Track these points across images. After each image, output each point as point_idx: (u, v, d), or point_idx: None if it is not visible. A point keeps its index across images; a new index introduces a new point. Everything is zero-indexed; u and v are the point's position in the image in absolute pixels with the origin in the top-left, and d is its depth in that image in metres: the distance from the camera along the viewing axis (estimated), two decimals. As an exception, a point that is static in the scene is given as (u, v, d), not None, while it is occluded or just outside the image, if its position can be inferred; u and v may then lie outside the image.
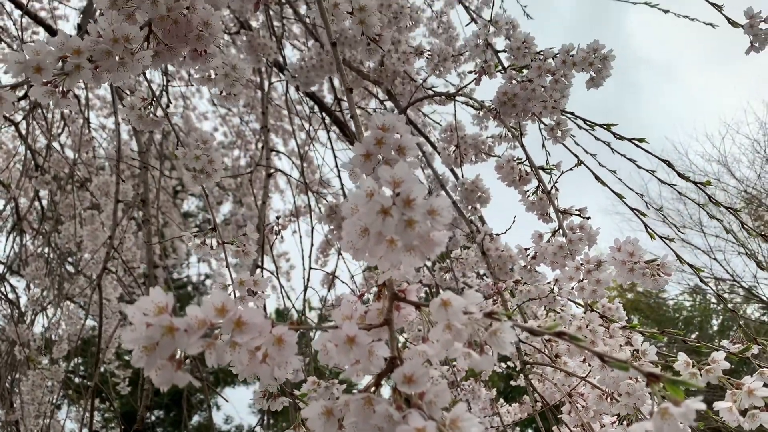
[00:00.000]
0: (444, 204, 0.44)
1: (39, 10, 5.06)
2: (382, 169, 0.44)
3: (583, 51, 1.06)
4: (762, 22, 1.04)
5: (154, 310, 0.37)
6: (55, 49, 0.57)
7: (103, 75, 0.63)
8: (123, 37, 0.62)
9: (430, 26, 2.41)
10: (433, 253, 0.45)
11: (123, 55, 0.63)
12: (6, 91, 0.55)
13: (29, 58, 0.54)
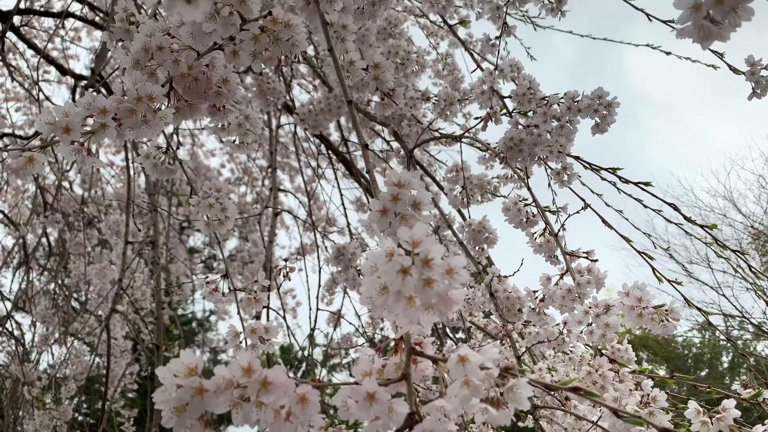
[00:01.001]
0: (461, 263, 0.46)
1: (51, 50, 5.17)
2: (402, 230, 0.45)
3: (588, 98, 1.08)
4: (763, 69, 1.07)
5: (184, 372, 0.38)
6: (83, 110, 0.60)
7: (126, 132, 0.65)
8: (146, 95, 0.64)
9: (436, 68, 2.46)
10: (451, 311, 0.46)
11: (146, 112, 0.65)
12: (37, 152, 0.57)
13: (59, 119, 0.56)
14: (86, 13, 3.92)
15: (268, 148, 2.67)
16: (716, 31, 0.48)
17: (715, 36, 0.48)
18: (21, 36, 4.23)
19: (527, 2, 1.28)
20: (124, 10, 0.90)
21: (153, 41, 0.67)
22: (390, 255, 0.45)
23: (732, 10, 0.46)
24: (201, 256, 8.96)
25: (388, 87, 0.88)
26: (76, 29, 5.13)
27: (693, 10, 0.48)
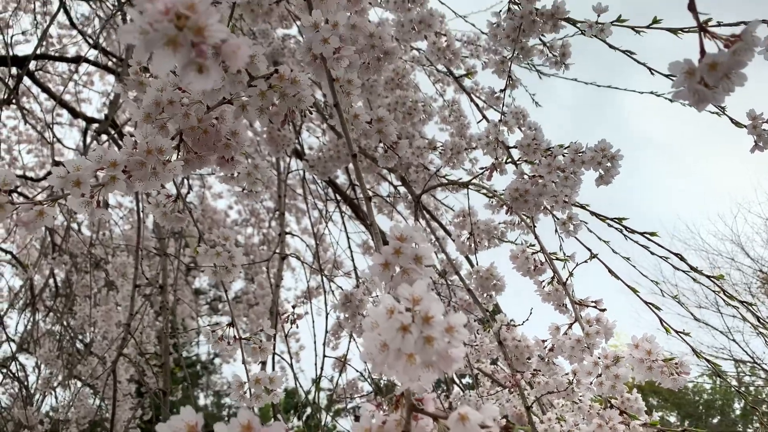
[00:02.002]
0: (461, 321, 0.46)
1: (64, 93, 5.29)
2: (403, 287, 0.46)
3: (592, 150, 1.10)
4: (765, 123, 1.08)
5: (184, 429, 0.38)
6: (94, 163, 0.61)
7: (135, 184, 0.66)
8: (157, 148, 0.66)
9: (442, 114, 2.50)
10: (451, 369, 0.46)
11: (156, 165, 0.66)
12: (47, 206, 0.58)
13: (71, 173, 0.58)
14: (100, 58, 4.02)
15: (277, 192, 2.69)
16: (710, 95, 0.49)
17: (709, 99, 0.49)
18: (35, 80, 4.34)
19: (531, 56, 1.31)
20: (137, 64, 0.93)
21: (164, 95, 0.69)
22: (390, 312, 0.45)
23: (725, 75, 0.48)
24: (206, 298, 8.94)
25: (391, 140, 0.90)
26: (89, 73, 5.25)
27: (687, 75, 0.49)
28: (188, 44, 0.32)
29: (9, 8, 5.03)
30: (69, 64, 5.04)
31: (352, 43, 0.87)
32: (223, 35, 0.33)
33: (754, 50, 0.48)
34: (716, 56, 0.48)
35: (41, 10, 4.74)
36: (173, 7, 0.32)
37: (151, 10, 0.32)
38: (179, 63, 0.32)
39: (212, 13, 0.33)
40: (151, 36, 0.31)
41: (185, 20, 0.32)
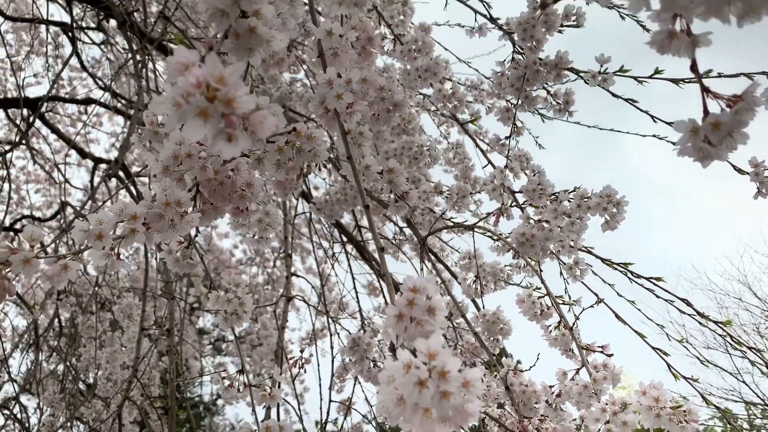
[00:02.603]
0: (477, 376, 0.47)
1: (72, 134, 5.37)
2: (419, 342, 0.47)
3: (597, 196, 1.11)
4: (767, 171, 1.10)
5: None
6: (115, 216, 0.63)
7: (154, 235, 0.68)
8: (175, 201, 0.68)
9: (447, 156, 2.53)
10: (467, 423, 0.47)
11: (173, 217, 0.68)
12: (71, 260, 0.60)
13: (93, 227, 0.59)
14: (109, 99, 4.09)
15: (283, 233, 2.71)
16: (714, 153, 0.51)
17: (713, 157, 0.51)
18: (45, 121, 4.42)
19: (536, 105, 1.34)
20: (153, 115, 0.95)
21: (182, 149, 0.72)
22: (407, 367, 0.46)
23: (728, 134, 0.49)
24: (210, 338, 8.88)
25: (401, 190, 0.92)
26: (98, 114, 5.34)
27: (691, 134, 0.51)
28: (218, 115, 0.34)
29: (22, 52, 5.15)
30: (79, 106, 5.14)
31: (362, 96, 0.89)
32: (251, 106, 0.34)
33: (755, 110, 0.50)
34: (719, 116, 0.50)
35: (53, 53, 4.85)
36: (204, 80, 0.34)
37: (184, 83, 0.34)
38: (209, 133, 0.34)
39: (241, 84, 0.34)
40: (184, 108, 0.33)
41: (215, 92, 0.34)
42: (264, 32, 0.51)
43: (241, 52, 0.52)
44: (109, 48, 4.48)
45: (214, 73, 0.34)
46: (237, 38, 0.51)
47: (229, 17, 0.49)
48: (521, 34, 1.22)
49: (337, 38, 0.77)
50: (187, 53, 0.36)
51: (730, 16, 0.45)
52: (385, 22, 1.57)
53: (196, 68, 0.33)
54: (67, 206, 4.12)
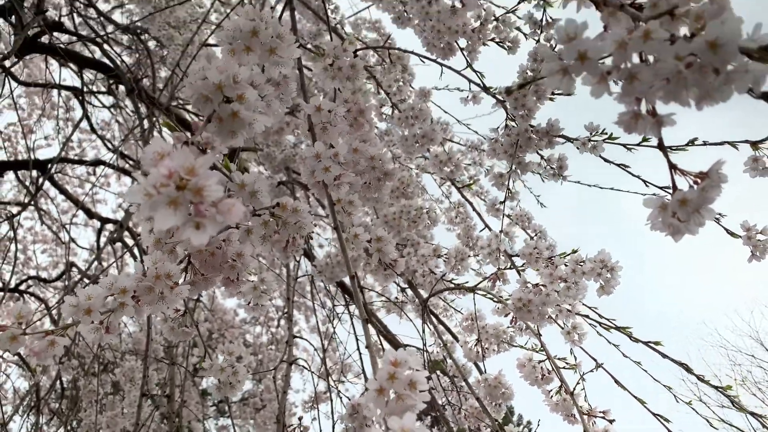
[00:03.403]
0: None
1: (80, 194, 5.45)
2: (393, 420, 0.47)
3: (591, 262, 1.12)
4: (759, 234, 1.10)
5: None
6: (104, 290, 0.64)
7: (144, 308, 0.69)
8: (165, 274, 0.69)
9: (449, 215, 2.55)
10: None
11: (163, 289, 0.69)
12: (59, 335, 0.61)
13: (82, 301, 0.60)
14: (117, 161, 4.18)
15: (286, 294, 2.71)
16: (684, 228, 0.52)
17: (683, 232, 0.52)
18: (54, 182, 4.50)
19: (529, 171, 1.36)
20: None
21: (174, 222, 0.73)
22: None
23: (695, 211, 0.51)
24: (213, 399, 8.73)
25: (390, 258, 0.93)
26: (105, 175, 5.43)
27: (660, 209, 0.52)
28: (187, 204, 0.35)
29: (34, 115, 5.30)
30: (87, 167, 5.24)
31: (354, 165, 0.92)
32: (219, 194, 0.36)
33: (721, 187, 0.51)
34: (686, 193, 0.51)
35: (64, 116, 4.99)
36: (176, 171, 0.36)
37: (156, 174, 0.36)
38: (179, 221, 0.35)
39: (211, 174, 0.36)
40: (155, 198, 0.35)
41: (186, 182, 0.36)
42: (246, 116, 0.53)
43: (224, 135, 0.54)
44: (118, 111, 4.60)
45: (185, 165, 0.36)
46: (220, 122, 0.53)
47: (213, 102, 0.52)
48: (513, 103, 1.26)
49: (326, 113, 0.80)
50: (162, 144, 0.38)
51: (689, 100, 0.47)
52: (384, 90, 1.62)
53: (168, 160, 0.35)
54: (72, 267, 4.16)
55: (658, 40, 0.46)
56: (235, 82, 0.52)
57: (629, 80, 0.47)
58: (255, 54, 0.59)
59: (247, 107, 0.53)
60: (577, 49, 0.45)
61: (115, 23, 3.72)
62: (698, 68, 0.44)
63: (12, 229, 3.04)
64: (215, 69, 0.52)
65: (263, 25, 0.59)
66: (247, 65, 0.56)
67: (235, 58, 0.59)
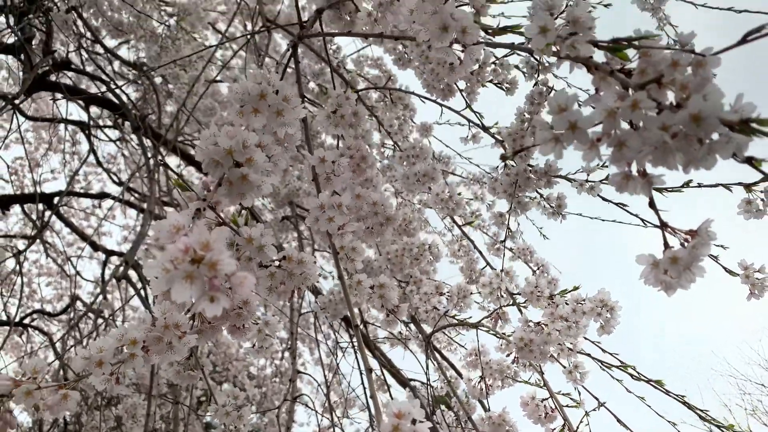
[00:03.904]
0: None
1: (85, 227, 5.48)
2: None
3: (591, 302, 1.14)
4: (756, 272, 1.12)
5: None
6: (114, 341, 0.66)
7: (152, 357, 0.71)
8: (174, 324, 0.71)
9: (452, 248, 2.56)
10: None
11: (172, 339, 0.71)
12: (72, 389, 0.62)
13: (94, 354, 0.62)
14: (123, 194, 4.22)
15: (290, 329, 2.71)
16: (676, 284, 0.54)
17: (675, 287, 0.54)
18: (60, 215, 4.54)
19: (528, 209, 1.38)
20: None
21: (183, 272, 0.75)
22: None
23: (686, 268, 0.53)
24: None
25: (392, 304, 0.95)
26: (111, 208, 5.47)
27: (652, 266, 0.54)
28: (203, 278, 0.38)
29: (41, 149, 5.37)
30: (93, 200, 5.28)
31: (356, 211, 0.94)
32: (232, 268, 0.38)
33: (710, 244, 0.54)
34: (677, 252, 0.53)
35: (70, 150, 5.05)
36: (191, 246, 0.38)
37: (173, 250, 0.38)
38: (195, 295, 0.38)
39: (224, 249, 0.39)
40: (172, 273, 0.37)
41: (201, 257, 0.38)
42: (255, 179, 0.56)
43: (234, 197, 0.57)
44: (124, 144, 4.65)
45: (201, 240, 0.38)
46: (230, 185, 0.56)
47: (224, 166, 0.54)
48: (511, 144, 1.29)
49: (330, 164, 0.83)
50: (178, 217, 0.41)
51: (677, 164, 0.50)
52: (385, 130, 1.66)
53: (184, 235, 0.37)
54: (77, 300, 4.17)
55: (645, 109, 0.49)
56: (244, 147, 0.55)
57: (618, 147, 0.49)
58: (263, 115, 0.62)
59: (255, 170, 0.56)
60: (567, 119, 0.48)
61: (122, 59, 3.79)
62: (684, 137, 0.47)
63: (18, 264, 3.06)
64: (225, 135, 0.54)
65: (270, 88, 0.62)
66: (257, 128, 0.59)
67: (243, 119, 0.62)
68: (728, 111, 0.46)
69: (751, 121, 0.43)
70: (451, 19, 0.64)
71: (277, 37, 3.63)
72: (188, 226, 0.40)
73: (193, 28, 3.81)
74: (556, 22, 0.55)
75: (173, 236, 0.40)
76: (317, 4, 1.03)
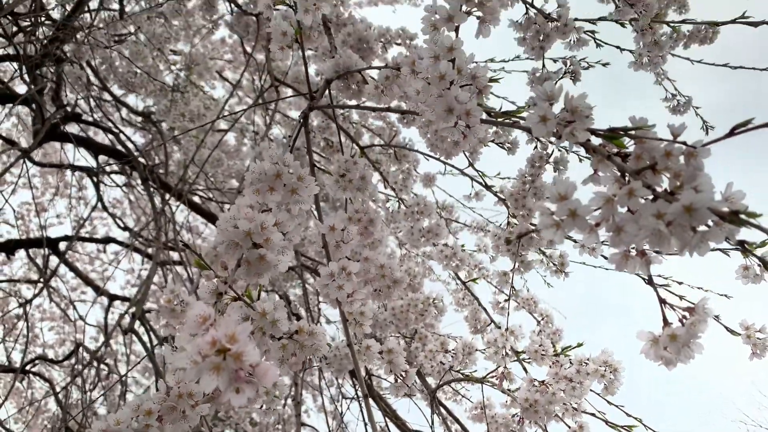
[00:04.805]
0: None
1: (89, 271, 5.49)
2: None
3: (595, 362, 1.15)
4: (758, 332, 1.13)
5: None
6: (130, 412, 0.68)
7: (166, 426, 0.72)
8: (187, 393, 0.73)
9: (457, 297, 2.57)
10: None
11: (185, 408, 0.73)
12: (90, 463, 0.64)
13: (111, 425, 0.64)
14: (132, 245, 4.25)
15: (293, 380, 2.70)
16: (675, 359, 0.56)
17: (675, 363, 0.56)
18: (65, 260, 4.56)
19: (531, 269, 1.41)
20: (171, 292, 1.03)
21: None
22: None
23: (684, 345, 0.55)
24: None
25: (401, 369, 0.97)
26: (116, 252, 5.49)
27: (652, 343, 0.57)
28: (229, 370, 0.40)
29: (48, 194, 5.43)
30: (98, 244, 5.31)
31: (364, 274, 0.97)
32: (256, 359, 0.41)
33: (707, 322, 0.56)
34: (675, 329, 0.56)
35: (76, 194, 5.10)
36: (218, 339, 0.41)
37: (201, 342, 0.40)
38: (221, 385, 0.40)
39: (248, 341, 0.41)
40: (200, 365, 0.40)
41: (227, 349, 0.41)
42: (272, 259, 0.59)
43: (251, 276, 0.60)
44: (130, 189, 4.71)
45: (227, 332, 0.41)
46: (249, 265, 0.59)
47: (243, 248, 0.57)
48: (513, 203, 1.32)
49: (339, 233, 0.86)
50: (204, 307, 0.43)
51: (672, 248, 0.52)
52: (391, 186, 1.70)
53: (211, 328, 0.40)
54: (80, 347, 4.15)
55: (641, 197, 0.52)
56: (263, 229, 0.58)
57: (617, 232, 0.52)
58: (278, 193, 0.66)
59: (272, 250, 0.59)
60: (567, 207, 0.51)
61: (129, 107, 3.88)
62: (678, 225, 0.49)
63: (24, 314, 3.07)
64: (245, 218, 0.57)
65: (286, 169, 0.65)
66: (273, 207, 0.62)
67: (260, 197, 0.66)
68: (719, 201, 0.49)
69: (741, 213, 0.46)
70: (456, 102, 0.68)
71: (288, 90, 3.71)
72: (213, 317, 0.43)
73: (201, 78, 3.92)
74: (555, 111, 0.59)
75: (200, 327, 0.43)
76: (326, 75, 1.08)
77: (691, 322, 0.55)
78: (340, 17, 1.34)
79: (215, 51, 4.26)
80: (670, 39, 1.35)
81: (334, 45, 1.23)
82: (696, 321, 0.55)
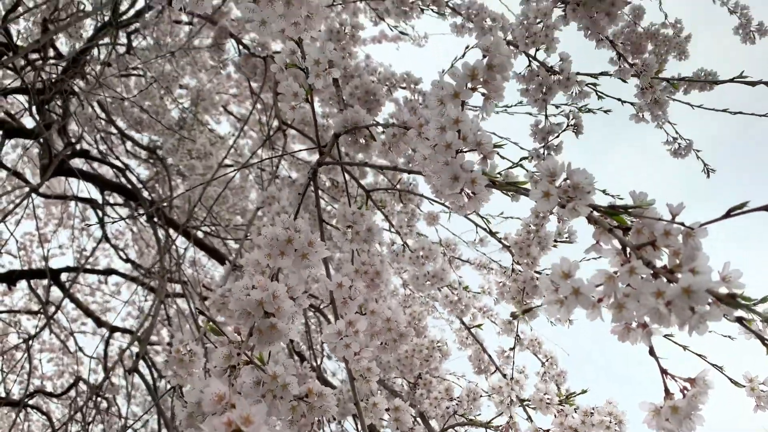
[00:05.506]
0: None
1: (90, 302, 5.49)
2: None
3: (600, 413, 1.15)
4: (761, 385, 1.14)
5: None
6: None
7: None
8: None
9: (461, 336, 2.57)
10: None
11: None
12: None
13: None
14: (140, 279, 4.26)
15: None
16: (677, 430, 0.57)
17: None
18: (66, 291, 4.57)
19: (536, 317, 1.42)
20: (181, 343, 1.04)
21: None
22: None
23: (686, 417, 0.56)
24: None
25: (407, 427, 0.98)
26: (117, 283, 5.49)
27: (654, 414, 0.58)
28: (244, 453, 0.42)
29: (50, 225, 5.46)
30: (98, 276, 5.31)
31: (371, 327, 0.98)
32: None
33: (708, 393, 0.57)
34: (677, 402, 0.57)
35: (79, 225, 5.13)
36: (234, 421, 0.42)
37: (217, 423, 0.42)
38: (236, 467, 0.41)
39: (262, 422, 0.43)
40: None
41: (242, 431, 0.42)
42: (283, 328, 0.60)
43: (263, 344, 0.62)
44: (133, 222, 4.73)
45: (242, 414, 0.42)
46: (260, 334, 0.61)
47: (255, 317, 0.59)
48: (518, 252, 1.34)
49: (347, 289, 0.87)
50: (219, 386, 0.45)
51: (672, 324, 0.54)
52: (395, 230, 1.71)
53: (227, 410, 0.42)
54: (80, 381, 4.13)
55: (641, 275, 0.54)
56: (274, 298, 0.60)
57: (618, 309, 0.54)
58: (289, 258, 0.68)
59: (283, 319, 0.60)
60: (571, 286, 0.53)
61: (135, 141, 3.93)
62: (677, 304, 0.51)
63: (27, 349, 3.08)
64: (257, 287, 0.59)
65: (297, 235, 0.67)
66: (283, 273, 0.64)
67: (271, 261, 0.68)
68: (717, 282, 0.51)
69: (737, 296, 0.48)
70: (462, 171, 0.71)
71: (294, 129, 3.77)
72: (229, 396, 0.45)
73: (207, 112, 3.98)
74: (557, 187, 0.61)
75: (216, 405, 0.44)
76: (335, 129, 1.11)
77: (692, 394, 0.57)
78: (347, 69, 1.38)
79: (220, 85, 4.33)
80: (668, 91, 1.38)
81: (342, 98, 1.27)
82: (697, 393, 0.57)
